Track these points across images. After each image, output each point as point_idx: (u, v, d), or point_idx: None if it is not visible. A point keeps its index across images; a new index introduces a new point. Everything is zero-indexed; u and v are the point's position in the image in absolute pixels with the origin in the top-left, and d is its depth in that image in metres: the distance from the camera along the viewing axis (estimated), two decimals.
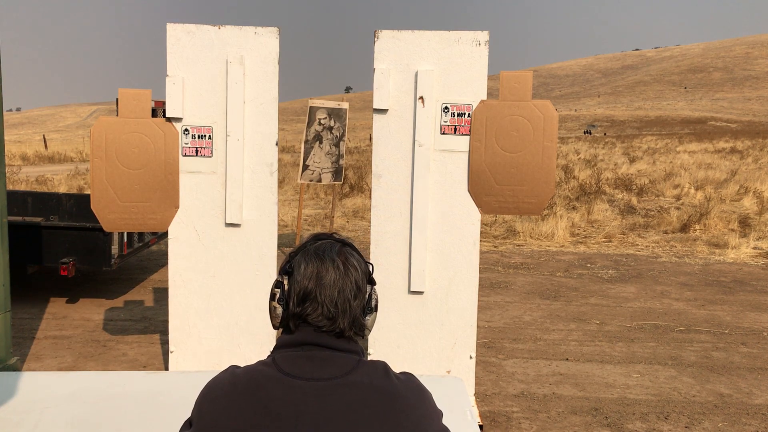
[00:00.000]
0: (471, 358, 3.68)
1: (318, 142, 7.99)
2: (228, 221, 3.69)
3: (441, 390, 2.33)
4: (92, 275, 7.09)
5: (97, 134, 3.59)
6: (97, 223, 5.45)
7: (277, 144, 3.70)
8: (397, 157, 3.62)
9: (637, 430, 3.64)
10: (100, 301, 6.16)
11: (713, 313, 6.01)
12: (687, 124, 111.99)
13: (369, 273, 1.39)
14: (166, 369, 4.36)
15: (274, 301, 1.36)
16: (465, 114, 3.58)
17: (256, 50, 3.64)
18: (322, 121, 8.00)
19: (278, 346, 1.33)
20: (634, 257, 8.58)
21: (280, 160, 26.44)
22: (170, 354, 3.77)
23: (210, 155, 3.68)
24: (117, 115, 3.62)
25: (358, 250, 1.41)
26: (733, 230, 10.26)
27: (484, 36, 3.55)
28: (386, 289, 3.66)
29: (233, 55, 3.63)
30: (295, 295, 1.32)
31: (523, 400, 4.02)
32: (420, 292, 3.66)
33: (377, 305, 1.40)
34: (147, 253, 8.30)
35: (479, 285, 4.61)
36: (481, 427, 3.45)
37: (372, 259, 3.67)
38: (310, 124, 7.94)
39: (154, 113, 3.87)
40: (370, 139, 32.26)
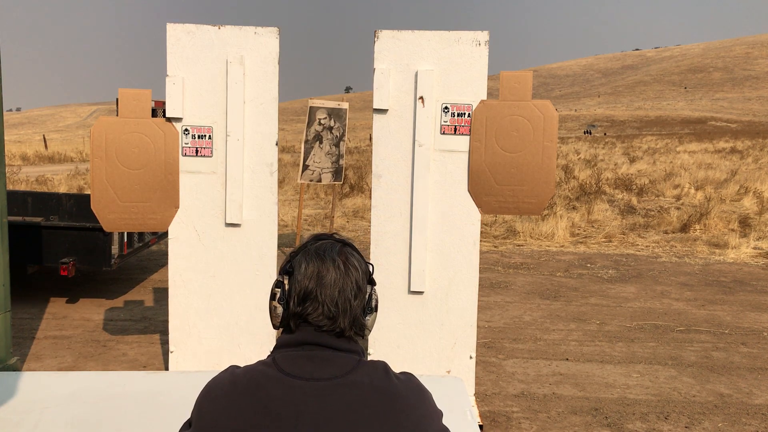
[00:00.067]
0: (471, 358, 3.68)
1: (318, 142, 7.99)
2: (228, 221, 3.69)
3: (441, 390, 2.33)
4: (92, 275, 7.09)
5: (97, 134, 3.59)
6: (97, 223, 5.45)
7: (277, 144, 3.70)
8: (397, 157, 3.62)
9: (637, 430, 3.64)
10: (100, 301, 6.16)
11: (713, 313, 6.01)
12: (687, 124, 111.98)
13: (369, 273, 1.39)
14: (166, 369, 4.36)
15: (274, 300, 1.36)
16: (465, 114, 3.58)
17: (256, 50, 3.64)
18: (322, 121, 8.00)
19: (278, 346, 1.33)
20: (634, 257, 8.58)
21: (280, 160, 26.44)
22: (170, 354, 3.77)
23: (210, 155, 3.68)
24: (117, 115, 3.62)
25: (358, 250, 1.41)
26: (733, 230, 10.26)
27: (484, 36, 3.55)
28: (386, 289, 3.66)
29: (233, 55, 3.63)
30: (295, 295, 1.32)
31: (523, 400, 4.02)
32: (420, 292, 3.66)
33: (377, 305, 1.40)
34: (147, 253, 8.30)
35: (479, 285, 4.61)
36: (481, 427, 3.45)
37: (372, 259, 3.67)
38: (310, 124, 7.94)
39: (154, 113, 3.87)
40: (370, 139, 32.25)
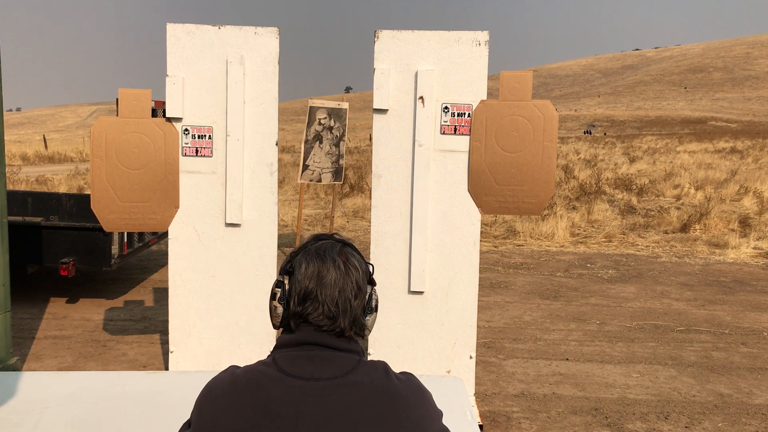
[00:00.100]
0: (471, 358, 3.68)
1: (318, 142, 7.99)
2: (228, 221, 3.69)
3: (441, 390, 2.33)
4: (92, 275, 7.09)
5: (97, 134, 3.59)
6: (97, 223, 5.45)
7: (277, 144, 3.70)
8: (397, 157, 3.62)
9: (637, 430, 3.64)
10: (100, 301, 6.16)
11: (713, 313, 6.01)
12: (687, 124, 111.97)
13: (369, 273, 1.39)
14: (166, 369, 4.36)
15: (274, 300, 1.36)
16: (465, 114, 3.58)
17: (256, 50, 3.64)
18: (322, 121, 8.00)
19: (278, 346, 1.33)
20: (634, 257, 8.58)
21: (280, 160, 26.44)
22: (170, 354, 3.77)
23: (210, 155, 3.68)
24: (117, 115, 3.62)
25: (358, 250, 1.41)
26: (733, 230, 10.26)
27: (484, 36, 3.55)
28: (386, 289, 3.66)
29: (233, 55, 3.63)
30: (296, 295, 1.32)
31: (523, 400, 4.02)
32: (420, 292, 3.66)
33: (377, 306, 1.40)
34: (147, 253, 8.30)
35: (479, 285, 4.61)
36: (481, 427, 3.45)
37: (372, 259, 3.67)
38: (310, 124, 7.94)
39: (154, 113, 3.87)
40: (370, 139, 32.25)
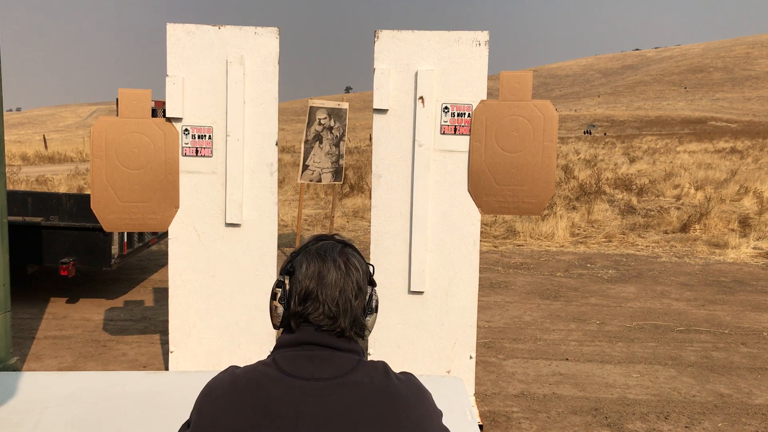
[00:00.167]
0: (471, 358, 3.68)
1: (318, 142, 7.99)
2: (228, 221, 3.69)
3: (441, 390, 2.33)
4: (92, 275, 7.09)
5: (97, 134, 3.59)
6: (97, 223, 5.45)
7: (277, 144, 3.70)
8: (397, 157, 3.62)
9: (637, 430, 3.64)
10: (100, 301, 6.16)
11: (713, 313, 6.01)
12: (687, 124, 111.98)
13: (370, 274, 1.39)
14: (166, 369, 4.36)
15: (275, 300, 1.36)
16: (465, 114, 3.58)
17: (256, 50, 3.64)
18: (322, 121, 8.00)
19: (278, 346, 1.33)
20: (634, 257, 8.58)
21: (280, 160, 26.43)
22: (170, 354, 3.77)
23: (210, 155, 3.68)
24: (117, 115, 3.62)
25: (359, 251, 1.41)
26: (733, 230, 10.26)
27: (484, 36, 3.55)
28: (386, 289, 3.66)
29: (233, 55, 3.63)
30: (296, 295, 1.32)
31: (523, 400, 4.02)
32: (420, 292, 3.66)
33: (377, 306, 1.40)
34: (147, 253, 8.30)
35: (479, 285, 4.60)
36: (481, 427, 3.45)
37: (372, 259, 3.67)
38: (310, 124, 7.94)
39: (154, 113, 3.87)
40: (370, 139, 32.20)
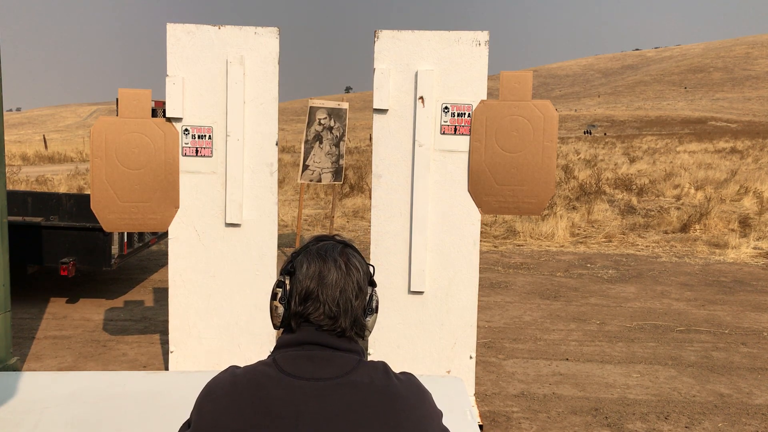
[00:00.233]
0: (471, 358, 3.68)
1: (318, 142, 7.99)
2: (228, 221, 3.69)
3: (441, 390, 2.33)
4: (92, 275, 7.09)
5: (97, 134, 3.59)
6: (97, 223, 5.45)
7: (277, 144, 3.70)
8: (397, 157, 3.62)
9: (637, 430, 3.64)
10: (100, 301, 6.16)
11: (713, 313, 6.01)
12: (687, 124, 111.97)
13: (370, 274, 1.39)
14: (166, 369, 4.36)
15: (275, 300, 1.36)
16: (465, 114, 3.58)
17: (256, 50, 3.64)
18: (322, 121, 7.99)
19: (279, 346, 1.33)
20: (634, 257, 8.58)
21: (280, 160, 26.44)
22: (170, 354, 3.77)
23: (210, 155, 3.68)
24: (117, 115, 3.62)
25: (359, 252, 1.41)
26: (733, 230, 10.26)
27: (484, 36, 3.55)
28: (386, 289, 3.66)
29: (233, 55, 3.63)
30: (297, 295, 1.32)
31: (523, 400, 4.02)
32: (420, 292, 3.66)
33: (378, 307, 1.40)
34: (147, 253, 8.30)
35: (479, 285, 4.61)
36: (481, 427, 3.45)
37: (372, 259, 3.67)
38: (310, 124, 7.94)
39: (154, 113, 3.87)
40: (370, 139, 32.25)
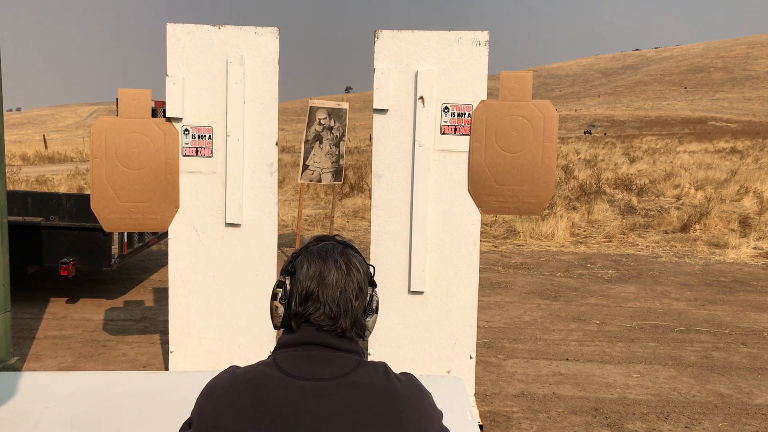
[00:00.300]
0: (471, 358, 3.68)
1: (318, 142, 7.99)
2: (228, 221, 3.69)
3: (441, 390, 2.33)
4: (92, 275, 7.09)
5: (97, 134, 3.59)
6: (97, 223, 5.45)
7: (277, 144, 3.70)
8: (397, 157, 3.62)
9: (637, 430, 3.64)
10: (100, 301, 6.16)
11: (713, 313, 6.01)
12: (687, 124, 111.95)
13: (371, 275, 1.39)
14: (166, 369, 4.36)
15: (276, 300, 1.36)
16: (465, 114, 3.58)
17: (256, 50, 3.64)
18: (322, 121, 7.99)
19: (279, 346, 1.33)
20: (634, 257, 8.58)
21: (280, 160, 26.43)
22: (170, 354, 3.77)
23: (210, 155, 3.68)
24: (117, 115, 3.62)
25: (360, 252, 1.41)
26: (733, 230, 10.26)
27: (484, 36, 3.55)
28: (386, 289, 3.66)
29: (233, 55, 3.63)
30: (297, 295, 1.32)
31: (523, 400, 4.02)
32: (420, 292, 3.66)
33: (378, 307, 1.40)
34: (147, 253, 8.30)
35: (479, 285, 4.61)
36: (481, 427, 3.45)
37: (372, 259, 3.67)
38: (310, 124, 7.94)
39: (154, 113, 3.87)
40: (370, 139, 32.24)
